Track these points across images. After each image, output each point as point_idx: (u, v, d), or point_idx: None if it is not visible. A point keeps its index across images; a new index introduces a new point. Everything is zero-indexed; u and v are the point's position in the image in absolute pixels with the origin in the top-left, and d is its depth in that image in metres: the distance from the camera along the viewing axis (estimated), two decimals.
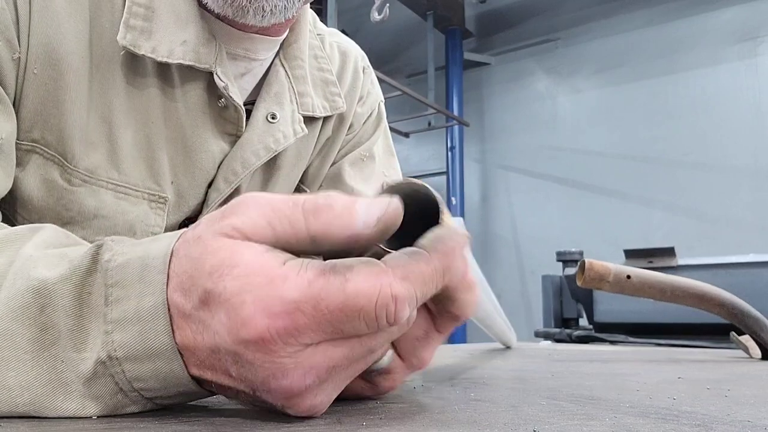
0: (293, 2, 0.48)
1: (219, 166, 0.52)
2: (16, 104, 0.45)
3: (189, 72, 0.49)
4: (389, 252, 0.28)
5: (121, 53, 0.47)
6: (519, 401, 0.34)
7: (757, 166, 3.86)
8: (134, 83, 0.48)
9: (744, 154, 3.89)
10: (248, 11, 0.46)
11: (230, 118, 0.52)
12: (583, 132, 4.49)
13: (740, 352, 0.79)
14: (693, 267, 1.51)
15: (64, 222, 0.46)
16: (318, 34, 0.64)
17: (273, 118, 0.54)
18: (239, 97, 0.51)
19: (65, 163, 0.46)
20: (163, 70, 0.49)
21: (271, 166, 0.57)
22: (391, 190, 0.29)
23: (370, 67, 0.70)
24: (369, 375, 0.31)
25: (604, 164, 4.37)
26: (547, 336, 1.77)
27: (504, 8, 4.90)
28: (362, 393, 0.33)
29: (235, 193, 0.53)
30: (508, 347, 0.92)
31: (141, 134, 0.49)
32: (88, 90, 0.47)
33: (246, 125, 0.53)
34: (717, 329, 1.05)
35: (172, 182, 0.51)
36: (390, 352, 0.31)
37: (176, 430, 0.25)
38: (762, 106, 3.89)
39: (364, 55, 0.70)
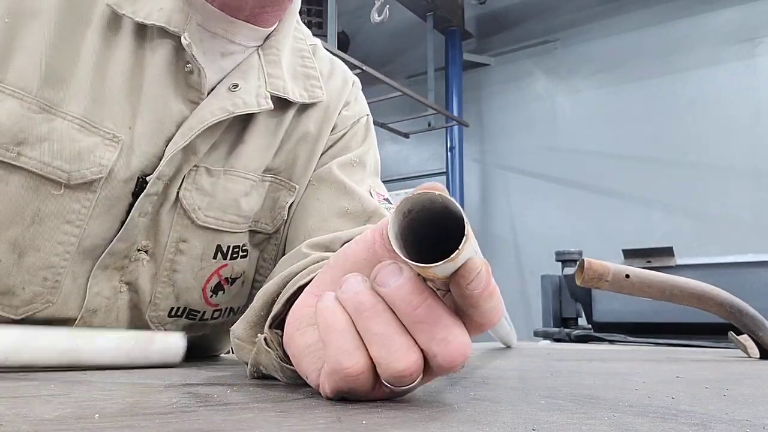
0: None
1: (179, 127, 0.55)
2: None
3: (162, 35, 0.54)
4: (408, 262, 0.29)
5: (105, 9, 0.52)
6: (518, 400, 0.34)
7: (756, 166, 3.86)
8: (111, 37, 0.53)
9: (742, 154, 3.90)
10: None
11: (194, 83, 0.55)
12: (582, 132, 4.50)
13: (739, 352, 0.79)
14: (691, 267, 1.51)
15: (18, 142, 0.50)
16: (311, 44, 0.68)
17: (235, 87, 0.57)
18: (203, 60, 0.55)
19: (25, 95, 0.50)
20: (141, 31, 0.54)
21: (236, 138, 0.59)
22: (408, 202, 0.29)
23: (359, 83, 0.73)
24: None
25: (603, 164, 4.38)
26: (546, 335, 1.77)
27: (503, 9, 4.90)
28: (378, 395, 0.33)
29: (189, 148, 0.55)
30: (509, 347, 0.92)
31: (108, 81, 0.53)
32: (59, 32, 0.51)
33: (209, 95, 0.56)
34: (716, 329, 1.05)
35: (129, 128, 0.54)
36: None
37: (177, 429, 0.25)
38: (760, 106, 3.90)
39: (354, 75, 0.74)
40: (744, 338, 0.77)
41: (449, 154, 4.75)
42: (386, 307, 0.30)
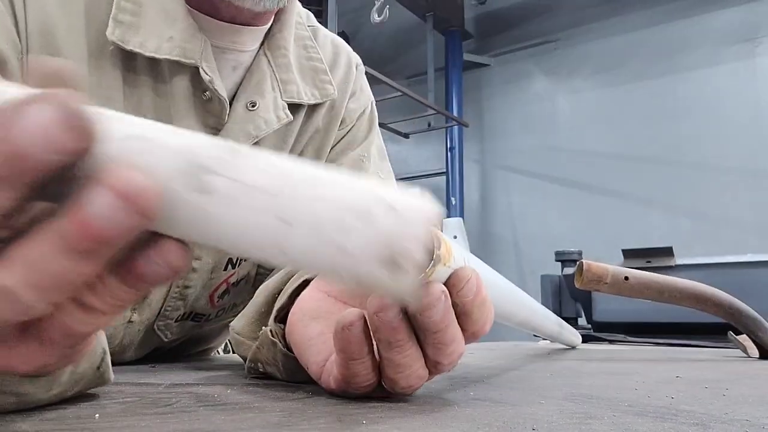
0: None
1: None
2: None
3: (176, 66, 0.50)
4: None
5: (111, 48, 0.48)
6: (518, 400, 0.35)
7: (755, 167, 3.86)
8: (127, 76, 0.49)
9: (742, 154, 3.90)
10: None
11: (213, 111, 0.53)
12: (581, 132, 4.49)
13: (738, 352, 0.79)
14: (691, 267, 1.51)
15: None
16: (310, 26, 0.64)
17: (253, 106, 0.54)
18: (224, 91, 0.52)
19: None
20: (153, 64, 0.50)
21: None
22: None
23: (362, 65, 0.70)
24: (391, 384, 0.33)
25: (602, 164, 4.38)
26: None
27: (503, 10, 4.90)
28: (377, 395, 0.34)
29: None
30: (573, 347, 0.92)
31: None
32: (86, 80, 0.48)
33: (227, 117, 0.54)
34: (715, 329, 1.05)
35: None
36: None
37: (176, 430, 0.25)
38: (760, 106, 3.90)
39: (357, 54, 0.70)
40: (743, 338, 0.77)
41: (449, 154, 4.75)
42: (413, 337, 0.31)
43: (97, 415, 0.28)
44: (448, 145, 4.75)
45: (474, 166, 4.96)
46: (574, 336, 0.91)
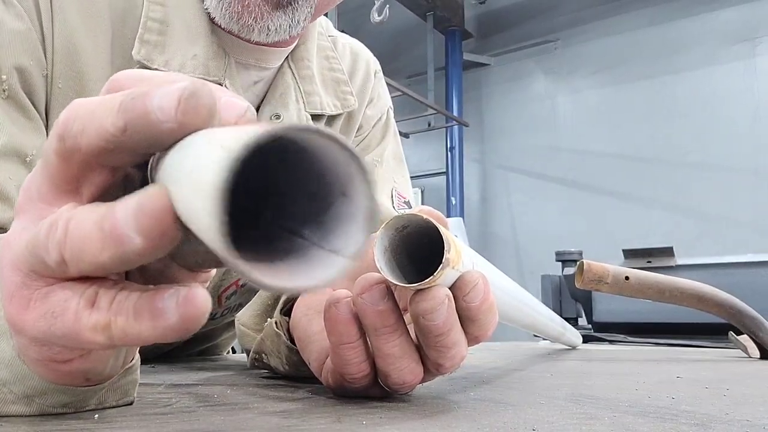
0: (297, 22, 0.48)
1: None
2: (46, 119, 0.46)
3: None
4: (391, 282, 0.29)
5: (136, 67, 0.48)
6: (518, 400, 0.34)
7: (756, 166, 3.86)
8: None
9: (742, 154, 3.90)
10: (253, 29, 0.47)
11: None
12: (582, 132, 4.50)
13: (739, 352, 0.79)
14: (691, 267, 1.51)
15: None
16: (330, 36, 0.65)
17: (277, 118, 0.54)
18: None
19: None
20: None
21: None
22: (401, 219, 0.30)
23: (381, 72, 0.71)
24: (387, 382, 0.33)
25: (602, 164, 4.38)
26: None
27: (503, 9, 4.91)
28: (375, 393, 0.34)
29: None
30: (574, 348, 0.92)
31: None
32: None
33: None
34: (716, 329, 1.05)
35: None
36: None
37: (177, 430, 0.25)
38: (760, 106, 3.90)
39: (376, 60, 0.70)
40: (744, 338, 0.77)
41: (449, 154, 4.75)
42: (403, 329, 0.31)
43: (96, 416, 0.28)
44: (448, 145, 4.75)
45: (474, 166, 4.96)
46: (575, 336, 0.91)
